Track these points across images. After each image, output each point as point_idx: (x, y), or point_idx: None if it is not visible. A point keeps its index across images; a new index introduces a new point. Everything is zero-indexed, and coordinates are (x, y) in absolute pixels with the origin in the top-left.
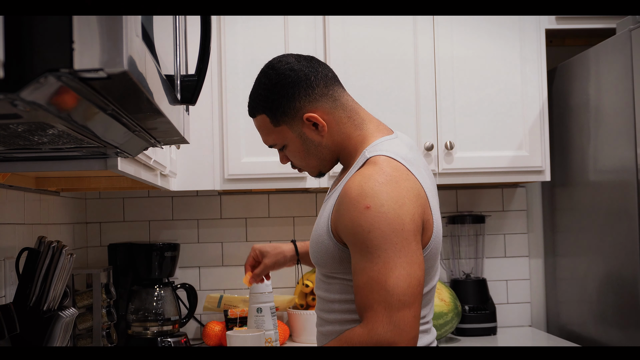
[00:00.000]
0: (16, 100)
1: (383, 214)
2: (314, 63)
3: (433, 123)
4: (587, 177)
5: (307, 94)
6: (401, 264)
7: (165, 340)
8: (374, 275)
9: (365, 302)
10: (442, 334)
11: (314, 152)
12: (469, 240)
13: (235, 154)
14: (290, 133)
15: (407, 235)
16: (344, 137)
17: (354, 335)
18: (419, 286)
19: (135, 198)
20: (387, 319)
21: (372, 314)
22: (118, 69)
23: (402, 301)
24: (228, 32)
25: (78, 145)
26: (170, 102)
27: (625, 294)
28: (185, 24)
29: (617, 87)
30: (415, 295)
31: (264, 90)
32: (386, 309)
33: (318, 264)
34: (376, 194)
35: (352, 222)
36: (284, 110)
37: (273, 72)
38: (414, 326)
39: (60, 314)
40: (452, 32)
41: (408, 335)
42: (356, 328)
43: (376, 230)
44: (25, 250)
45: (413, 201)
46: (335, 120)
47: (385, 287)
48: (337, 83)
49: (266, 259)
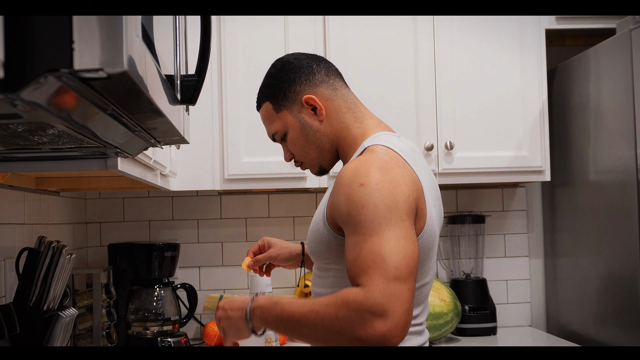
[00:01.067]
0: (16, 100)
1: (377, 190)
2: (319, 58)
3: (433, 123)
4: (587, 177)
5: (308, 79)
6: (396, 238)
7: (165, 340)
8: (369, 246)
9: (360, 271)
10: (442, 334)
11: (312, 139)
12: (469, 240)
13: (235, 154)
14: (290, 118)
15: (401, 213)
16: (343, 127)
17: (350, 294)
18: (414, 261)
19: (135, 198)
20: (383, 285)
21: (367, 278)
22: (118, 69)
23: (399, 271)
24: (228, 32)
25: (78, 145)
26: (170, 102)
27: (625, 294)
28: (185, 24)
29: (617, 87)
30: (410, 270)
31: (269, 78)
32: (383, 276)
33: (313, 253)
34: (370, 173)
35: (346, 200)
36: (284, 94)
37: (279, 62)
38: (409, 299)
39: (60, 314)
40: (452, 32)
41: (403, 306)
42: (353, 288)
43: (370, 205)
44: (25, 250)
45: (408, 185)
46: (334, 107)
47: (381, 256)
48: (339, 77)
49: (271, 250)
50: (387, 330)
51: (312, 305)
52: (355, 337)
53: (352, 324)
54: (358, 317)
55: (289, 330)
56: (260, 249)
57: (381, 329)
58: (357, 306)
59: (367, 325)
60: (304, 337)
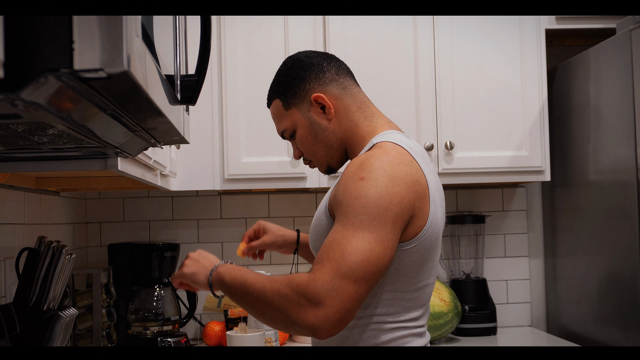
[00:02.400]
0: (16, 100)
1: (374, 186)
2: (330, 55)
3: (433, 123)
4: (587, 177)
5: (318, 77)
6: (367, 238)
7: (165, 340)
8: (339, 237)
9: (319, 257)
10: (442, 334)
11: (321, 137)
12: (469, 240)
13: (235, 154)
14: (299, 115)
15: (388, 215)
16: (352, 125)
17: (298, 277)
18: (375, 267)
19: (135, 198)
20: (329, 278)
21: (319, 267)
22: (118, 69)
23: (352, 271)
24: (228, 32)
25: (78, 145)
26: (170, 102)
27: (625, 294)
28: (185, 24)
29: (617, 87)
30: (366, 274)
31: (279, 75)
32: (333, 269)
33: (315, 248)
34: (374, 168)
35: (344, 190)
36: (294, 91)
37: (290, 60)
38: (352, 299)
39: (60, 314)
40: (452, 32)
41: (342, 304)
42: (303, 273)
43: (361, 199)
44: (25, 250)
45: (409, 185)
46: (343, 106)
47: (342, 251)
48: (350, 75)
49: (266, 236)
50: (317, 321)
51: (265, 278)
52: (287, 318)
53: (288, 304)
54: (295, 300)
55: (238, 296)
56: (255, 233)
57: (311, 318)
58: (298, 289)
59: (300, 310)
60: (248, 305)
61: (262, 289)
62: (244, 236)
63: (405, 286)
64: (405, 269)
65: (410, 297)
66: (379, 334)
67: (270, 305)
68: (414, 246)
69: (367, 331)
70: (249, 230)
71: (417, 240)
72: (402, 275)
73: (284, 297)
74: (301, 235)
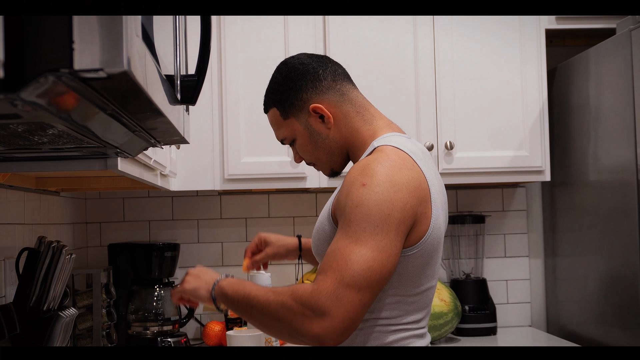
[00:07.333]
0: (16, 100)
1: (376, 193)
2: (324, 60)
3: (433, 123)
4: (587, 177)
5: (314, 86)
6: (370, 246)
7: (165, 340)
8: (342, 245)
9: (323, 267)
10: (442, 334)
11: (322, 145)
12: (469, 240)
13: (235, 154)
14: (298, 125)
15: (391, 222)
16: (352, 131)
17: (302, 288)
18: (379, 276)
19: (135, 198)
20: (333, 288)
21: (323, 277)
22: (118, 69)
23: (355, 280)
24: (228, 32)
25: (78, 145)
26: (170, 102)
27: (625, 294)
28: (185, 24)
29: (617, 87)
30: (370, 282)
31: (275, 84)
32: (337, 279)
33: (318, 253)
34: (376, 174)
35: (346, 197)
36: (291, 102)
37: (284, 66)
38: (356, 308)
39: (60, 314)
40: (452, 32)
41: (346, 313)
42: (307, 284)
43: (363, 207)
44: (25, 250)
45: (411, 191)
46: (342, 113)
47: (345, 260)
48: (346, 79)
49: (268, 248)
50: (322, 332)
51: (268, 290)
52: (292, 329)
53: (293, 316)
54: (300, 311)
55: (241, 309)
56: (257, 246)
57: (316, 329)
58: (302, 301)
59: (305, 321)
60: (252, 318)
61: (266, 301)
62: (246, 251)
63: (408, 290)
64: (408, 273)
65: (413, 300)
66: (382, 336)
67: (275, 318)
68: (417, 251)
69: (371, 334)
70: (251, 244)
71: (420, 246)
72: (405, 280)
73: (288, 308)
74: (303, 240)
